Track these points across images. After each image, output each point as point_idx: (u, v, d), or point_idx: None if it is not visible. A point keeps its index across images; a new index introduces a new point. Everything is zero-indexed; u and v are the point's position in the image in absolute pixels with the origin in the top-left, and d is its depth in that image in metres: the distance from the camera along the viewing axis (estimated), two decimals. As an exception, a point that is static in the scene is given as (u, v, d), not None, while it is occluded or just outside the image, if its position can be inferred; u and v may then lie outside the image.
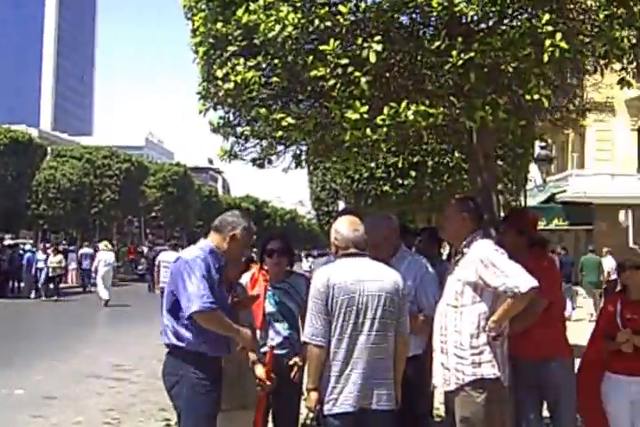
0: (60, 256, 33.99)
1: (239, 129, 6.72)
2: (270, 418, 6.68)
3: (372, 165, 13.12)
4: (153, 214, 65.63)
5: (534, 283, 5.34)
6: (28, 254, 34.87)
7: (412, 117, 5.36)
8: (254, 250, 10.87)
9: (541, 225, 31.93)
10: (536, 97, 5.41)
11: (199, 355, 5.59)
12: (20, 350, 17.19)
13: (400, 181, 12.79)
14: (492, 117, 5.51)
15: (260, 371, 6.10)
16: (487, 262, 5.51)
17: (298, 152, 7.10)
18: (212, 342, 5.60)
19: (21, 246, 37.70)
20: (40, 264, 33.14)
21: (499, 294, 5.49)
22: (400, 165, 12.16)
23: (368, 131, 5.52)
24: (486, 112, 5.49)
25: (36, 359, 15.79)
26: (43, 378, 13.79)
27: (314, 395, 5.32)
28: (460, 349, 5.59)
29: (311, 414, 5.33)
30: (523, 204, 20.27)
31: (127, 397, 12.34)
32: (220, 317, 5.56)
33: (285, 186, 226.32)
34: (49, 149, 50.32)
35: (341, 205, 20.11)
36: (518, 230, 6.57)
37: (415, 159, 11.96)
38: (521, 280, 5.36)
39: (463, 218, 5.84)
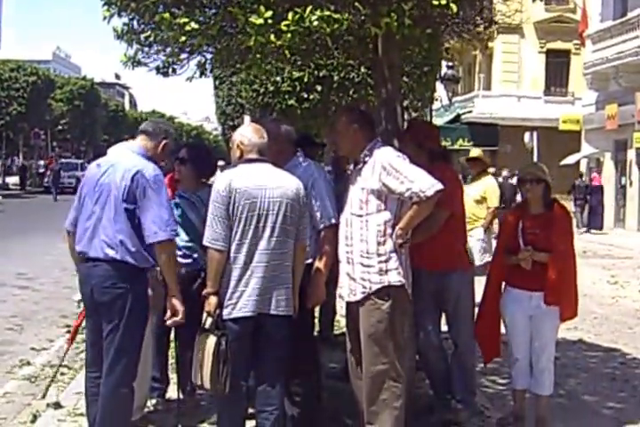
0: None
1: (143, 35, 6.59)
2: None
3: (278, 78, 13.02)
4: (60, 128, 64.90)
5: (439, 186, 5.34)
6: None
7: (316, 23, 5.30)
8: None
9: (446, 145, 32.29)
10: (443, 2, 5.38)
11: (143, 269, 5.58)
12: None
13: (306, 96, 12.72)
14: (397, 24, 5.48)
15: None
16: (390, 169, 5.48)
17: (202, 60, 7.02)
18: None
19: None
20: None
21: (404, 200, 5.50)
22: (306, 79, 12.08)
23: (272, 37, 5.45)
24: (391, 18, 5.45)
25: None
26: None
27: (213, 299, 5.35)
28: (367, 257, 5.59)
29: (210, 319, 5.35)
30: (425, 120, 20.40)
31: (30, 304, 12.62)
32: (173, 247, 5.65)
33: (192, 102, 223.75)
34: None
35: (247, 119, 19.94)
36: (418, 143, 6.59)
37: (321, 73, 11.89)
38: (426, 184, 5.35)
39: (355, 129, 5.75)
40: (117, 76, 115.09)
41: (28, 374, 8.51)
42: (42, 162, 55.09)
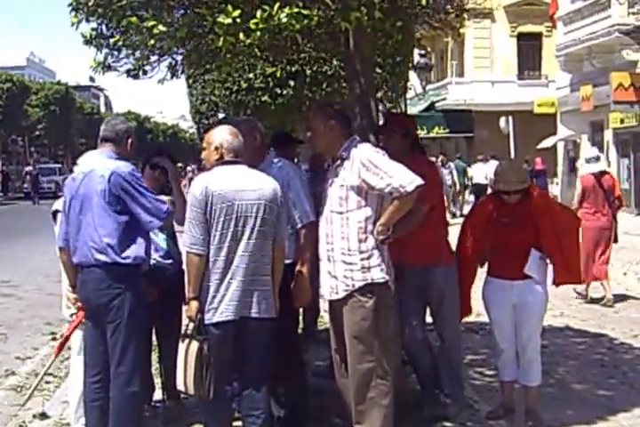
0: None
1: (112, 40, 6.53)
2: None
3: (251, 75, 12.95)
4: (37, 133, 64.84)
5: (419, 181, 5.30)
6: None
7: (285, 20, 5.24)
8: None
9: (422, 133, 32.30)
10: (413, -7, 5.35)
11: (138, 268, 5.68)
12: None
13: (279, 91, 12.65)
14: (367, 18, 5.43)
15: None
16: (369, 165, 5.42)
17: (173, 62, 6.96)
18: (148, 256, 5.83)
19: None
20: None
21: (384, 196, 5.45)
22: (278, 74, 11.96)
23: (241, 36, 5.38)
24: (361, 12, 5.38)
25: None
26: None
27: (194, 304, 5.31)
28: (348, 255, 5.54)
29: (192, 324, 5.33)
30: (403, 112, 20.39)
31: (15, 312, 12.60)
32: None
33: (167, 101, 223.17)
34: None
35: (221, 117, 19.90)
36: (403, 133, 6.57)
37: (294, 68, 11.82)
38: (406, 179, 5.30)
39: (331, 126, 5.70)
40: (92, 79, 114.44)
41: (14, 384, 8.43)
42: (29, 167, 55.09)
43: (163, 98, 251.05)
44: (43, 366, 8.14)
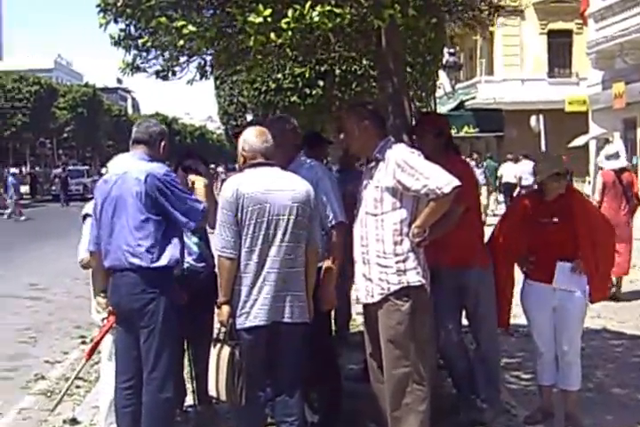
0: None
1: (140, 41, 6.47)
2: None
3: (279, 76, 12.92)
4: (65, 136, 65.21)
5: (456, 182, 5.19)
6: None
7: (317, 19, 5.13)
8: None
9: (452, 133, 32.11)
10: (448, -12, 5.24)
11: (171, 272, 5.61)
12: None
13: (308, 91, 12.62)
14: (400, 15, 5.30)
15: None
16: (404, 165, 5.31)
17: (202, 63, 6.90)
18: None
19: None
20: None
21: (420, 197, 5.34)
22: (307, 74, 11.95)
23: (272, 35, 5.28)
24: (395, 10, 5.26)
25: None
26: None
27: (225, 309, 5.23)
28: (384, 257, 5.42)
29: (223, 329, 5.24)
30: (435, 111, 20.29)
31: (43, 315, 12.57)
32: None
33: (194, 102, 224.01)
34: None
35: (249, 118, 19.91)
36: (436, 133, 6.46)
37: (323, 68, 11.76)
38: (442, 181, 5.19)
39: (365, 127, 5.59)
40: (119, 81, 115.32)
41: (44, 388, 8.37)
42: (58, 170, 55.52)
43: (190, 99, 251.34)
44: (73, 370, 8.13)
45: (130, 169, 5.65)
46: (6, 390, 8.44)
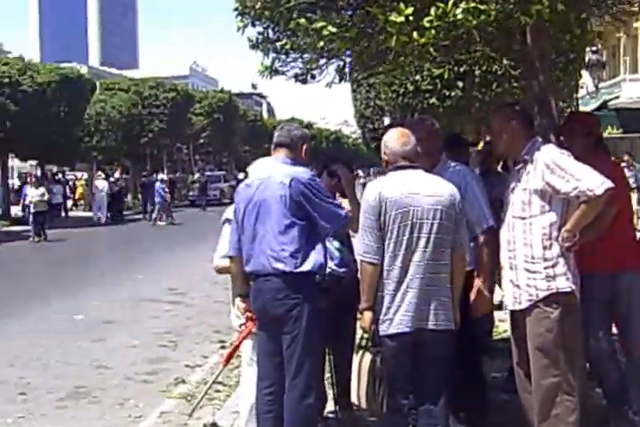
0: (42, 189, 29.10)
1: (279, 44, 6.43)
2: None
3: (418, 77, 12.79)
4: (201, 141, 66.48)
5: (609, 184, 4.96)
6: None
7: (461, 16, 4.98)
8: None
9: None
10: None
11: (315, 277, 5.54)
12: (74, 277, 17.82)
13: (447, 93, 12.48)
14: (549, 10, 5.08)
15: None
16: (554, 167, 5.11)
17: (340, 65, 6.82)
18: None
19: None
20: (27, 199, 29.07)
21: (570, 200, 5.13)
22: (446, 76, 11.74)
23: (415, 34, 5.15)
24: (543, 5, 5.05)
25: (92, 286, 16.34)
26: (100, 304, 14.37)
27: (368, 315, 5.13)
28: (532, 262, 5.24)
29: (366, 335, 5.15)
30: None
31: (182, 320, 12.81)
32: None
33: (329, 107, 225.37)
34: (97, 83, 50.78)
35: (387, 121, 19.82)
36: (585, 133, 6.21)
37: (462, 69, 11.56)
38: (594, 182, 4.96)
39: (513, 127, 5.42)
40: (254, 86, 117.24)
41: (184, 392, 8.45)
42: (197, 175, 56.70)
43: (325, 104, 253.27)
44: (212, 374, 8.15)
45: (273, 173, 5.62)
46: (147, 393, 8.57)
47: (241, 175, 59.70)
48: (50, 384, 8.93)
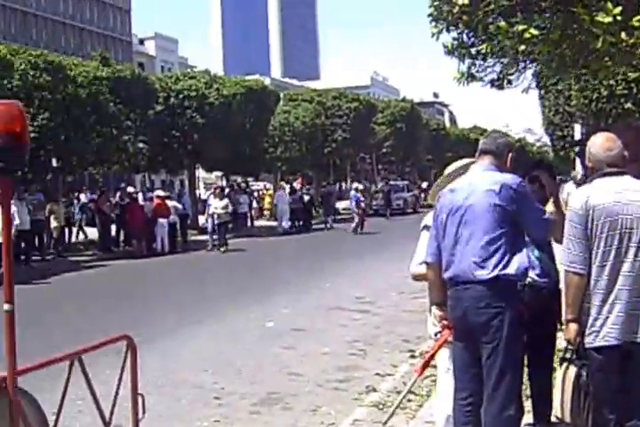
0: (225, 201, 29.09)
1: (475, 49, 6.33)
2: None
3: (612, 82, 12.37)
4: (383, 151, 66.70)
5: None
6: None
7: (675, 15, 4.79)
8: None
9: None
10: None
11: (517, 285, 5.44)
12: (261, 285, 18.10)
13: (644, 98, 12.02)
14: None
15: None
16: None
17: (539, 69, 6.67)
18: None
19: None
20: (211, 210, 28.69)
21: None
22: (643, 79, 11.36)
23: (623, 35, 4.96)
24: None
25: (279, 293, 16.54)
26: (289, 311, 14.49)
27: (573, 326, 4.98)
28: None
29: (570, 347, 4.96)
30: None
31: (371, 328, 12.69)
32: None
33: (512, 115, 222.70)
34: (281, 94, 51.78)
35: (577, 128, 19.28)
36: None
37: (660, 72, 11.12)
38: None
39: None
40: (435, 95, 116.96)
41: (375, 400, 8.40)
42: (380, 184, 57.08)
43: (508, 112, 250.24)
44: (403, 383, 8.11)
45: (479, 179, 5.51)
46: (339, 400, 8.57)
47: (424, 184, 59.67)
48: (243, 390, 9.07)
